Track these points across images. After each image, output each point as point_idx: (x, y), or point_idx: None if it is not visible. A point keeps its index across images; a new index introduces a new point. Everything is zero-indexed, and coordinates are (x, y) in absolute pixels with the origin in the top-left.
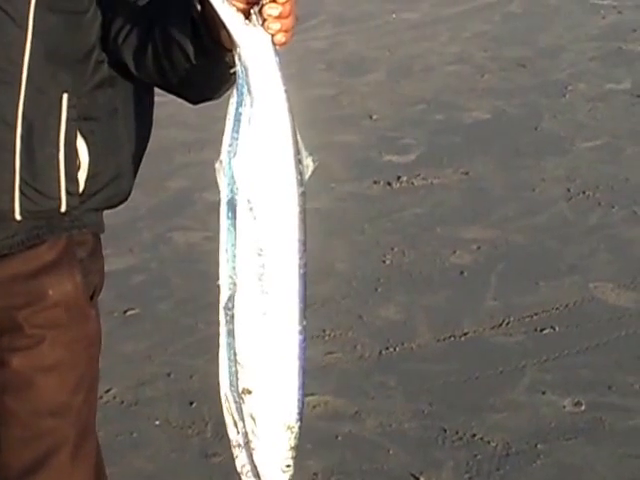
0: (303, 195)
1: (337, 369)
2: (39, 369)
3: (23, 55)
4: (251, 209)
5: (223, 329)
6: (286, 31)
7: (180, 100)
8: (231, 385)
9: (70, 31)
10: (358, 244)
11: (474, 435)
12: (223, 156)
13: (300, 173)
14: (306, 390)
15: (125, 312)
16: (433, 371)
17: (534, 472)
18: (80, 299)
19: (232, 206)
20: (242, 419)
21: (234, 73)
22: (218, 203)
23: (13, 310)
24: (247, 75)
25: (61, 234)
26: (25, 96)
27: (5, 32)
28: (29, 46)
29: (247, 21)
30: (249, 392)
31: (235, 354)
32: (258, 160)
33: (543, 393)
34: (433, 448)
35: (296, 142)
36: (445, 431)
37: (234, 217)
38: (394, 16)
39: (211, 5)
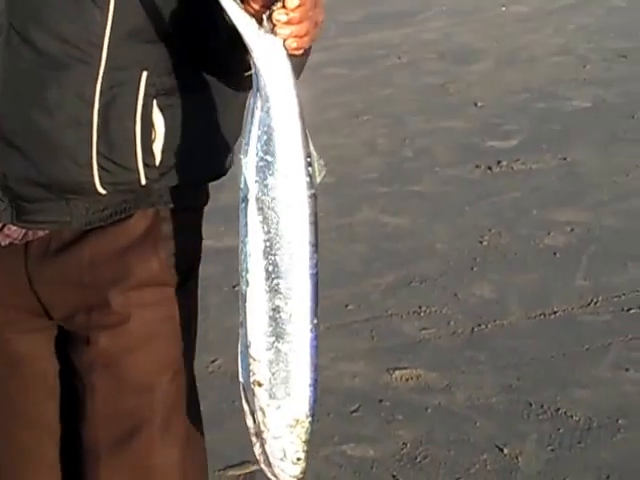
0: (313, 198)
1: (430, 344)
2: (125, 348)
3: (103, 36)
4: (260, 209)
5: (240, 319)
6: (298, 37)
7: None
8: (246, 376)
9: (151, 11)
10: (457, 225)
11: (558, 409)
12: (241, 154)
13: (309, 176)
14: (400, 364)
15: (234, 287)
16: (522, 347)
17: (615, 446)
18: (166, 277)
19: (245, 204)
20: (255, 410)
21: (250, 76)
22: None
23: (101, 287)
24: (259, 79)
25: (147, 209)
26: (104, 74)
27: (85, 13)
28: (109, 27)
29: (259, 26)
30: (260, 385)
31: (247, 346)
32: (267, 162)
33: (627, 370)
34: (518, 421)
35: (306, 146)
36: (530, 405)
37: (246, 215)
38: (504, 9)
39: (224, 8)
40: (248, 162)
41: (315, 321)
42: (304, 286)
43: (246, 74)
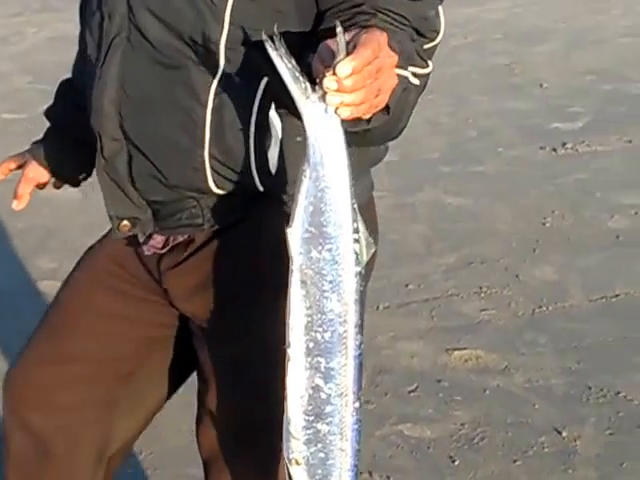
0: (359, 275)
1: (490, 325)
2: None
3: (218, 44)
4: (303, 282)
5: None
6: (352, 105)
7: None
8: (287, 449)
9: (268, 21)
10: (520, 207)
11: (618, 393)
12: (290, 222)
13: (356, 253)
14: (459, 344)
15: None
16: (583, 330)
17: None
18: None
19: (290, 275)
20: None
21: (298, 139)
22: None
23: (234, 289)
24: (308, 146)
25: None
26: (220, 77)
27: (203, 22)
28: (225, 36)
29: (313, 90)
30: (297, 463)
31: (288, 423)
32: (311, 233)
33: None
34: (577, 404)
35: (355, 220)
36: (590, 388)
37: (291, 287)
38: None
39: (276, 67)
40: (293, 231)
41: (357, 405)
42: (346, 368)
43: (298, 139)
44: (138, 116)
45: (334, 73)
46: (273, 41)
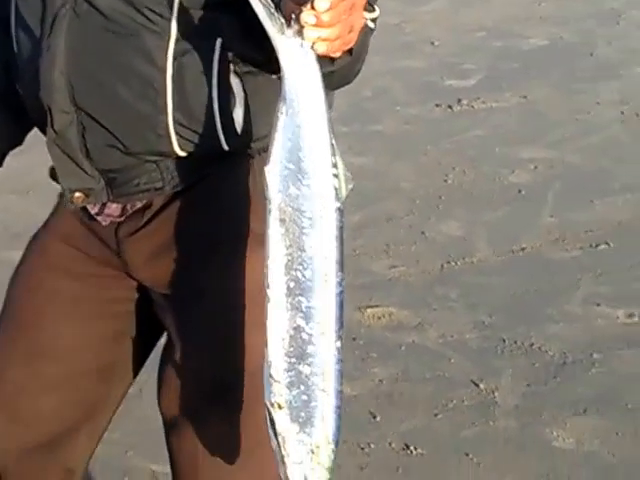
0: (339, 211)
1: (401, 282)
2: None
3: (171, 8)
4: (282, 220)
5: (265, 339)
6: (328, 40)
7: None
8: (268, 394)
9: None
10: (421, 164)
11: (532, 344)
12: (267, 162)
13: (335, 188)
14: (371, 302)
15: None
16: (492, 284)
17: (590, 380)
18: (261, 225)
19: (268, 214)
20: (275, 434)
21: (274, 77)
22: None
23: (200, 245)
24: (284, 83)
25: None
26: (175, 42)
27: None
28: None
29: (288, 27)
30: (280, 407)
31: (269, 367)
32: (290, 171)
33: (598, 305)
34: (493, 357)
35: (333, 155)
36: (504, 341)
37: (268, 226)
38: None
39: (252, 7)
40: (271, 170)
41: (339, 344)
42: (328, 305)
43: (274, 77)
44: (92, 87)
45: (312, 7)
46: None
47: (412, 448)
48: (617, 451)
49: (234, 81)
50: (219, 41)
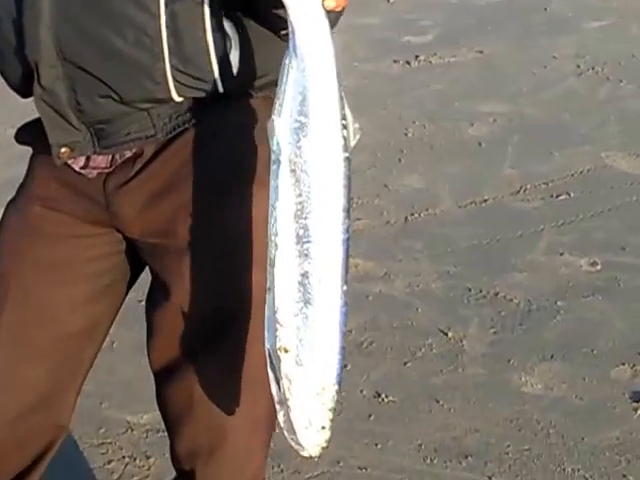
0: (347, 161)
1: (366, 234)
2: (214, 239)
3: None
4: (293, 171)
5: (268, 284)
6: None
7: None
8: (272, 341)
9: None
10: (381, 118)
11: (497, 293)
12: (274, 115)
13: (344, 138)
14: None
15: None
16: (456, 235)
17: (555, 326)
18: (263, 170)
19: (277, 165)
20: (280, 377)
21: (286, 34)
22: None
23: (190, 188)
24: (295, 38)
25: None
26: None
27: None
28: None
29: None
30: (286, 351)
31: (275, 311)
32: (301, 123)
33: (561, 254)
34: (459, 306)
35: (342, 107)
36: (469, 290)
37: (277, 177)
38: None
39: None
40: (282, 122)
41: (345, 287)
42: (335, 251)
43: (282, 33)
44: (82, 39)
45: None
46: None
47: (383, 396)
48: (584, 395)
49: (227, 24)
50: None
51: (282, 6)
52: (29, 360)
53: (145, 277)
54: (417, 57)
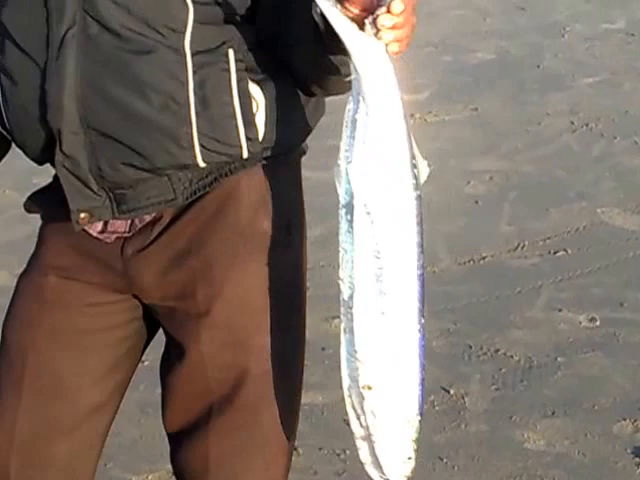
0: (419, 199)
1: None
2: (225, 306)
3: (186, 22)
4: (368, 213)
5: (344, 326)
6: (399, 40)
7: None
8: (352, 380)
9: (227, 1)
10: None
11: (497, 350)
12: (340, 160)
13: (415, 177)
14: (338, 313)
15: None
16: (456, 292)
17: (556, 383)
18: (276, 235)
19: (349, 209)
20: (364, 413)
21: (349, 80)
22: (337, 205)
23: (209, 255)
24: (361, 83)
25: (251, 168)
26: (192, 55)
27: (167, 2)
28: (191, 13)
29: (361, 30)
30: (369, 388)
31: (355, 351)
32: (374, 166)
33: (560, 310)
34: (460, 363)
35: (411, 147)
36: (470, 347)
37: (352, 220)
38: None
39: (325, 15)
40: (353, 167)
41: (422, 321)
42: (412, 287)
43: (346, 79)
44: (107, 106)
45: (388, 11)
46: None
47: None
48: (587, 451)
49: (253, 88)
50: (233, 51)
51: (339, 53)
52: (52, 438)
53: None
54: (412, 115)
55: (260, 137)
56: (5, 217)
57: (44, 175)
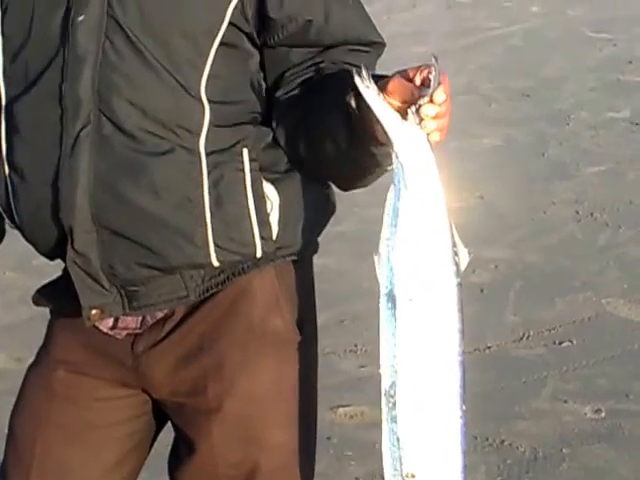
0: (460, 286)
1: (371, 381)
2: (237, 404)
3: (202, 123)
4: (410, 300)
5: (386, 415)
6: (441, 130)
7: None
8: (394, 469)
9: (243, 91)
10: None
11: (503, 441)
12: (382, 249)
13: (456, 264)
14: (343, 402)
15: None
16: None
17: (561, 475)
18: (289, 334)
19: (391, 297)
20: None
21: (389, 168)
22: (378, 294)
23: (220, 352)
24: (404, 172)
25: (265, 266)
26: (206, 155)
27: (182, 104)
28: (207, 114)
29: (403, 119)
30: (413, 476)
31: (398, 439)
32: (416, 254)
33: (565, 402)
34: (466, 454)
35: (452, 235)
36: (476, 438)
37: (394, 307)
38: None
39: (368, 104)
40: (395, 256)
41: (464, 407)
42: (454, 373)
43: (389, 168)
44: (120, 205)
45: (431, 101)
46: (361, 76)
47: None
48: None
49: (268, 188)
50: (247, 150)
51: (377, 144)
52: None
53: None
54: None
55: (274, 236)
56: (5, 299)
57: (44, 258)
